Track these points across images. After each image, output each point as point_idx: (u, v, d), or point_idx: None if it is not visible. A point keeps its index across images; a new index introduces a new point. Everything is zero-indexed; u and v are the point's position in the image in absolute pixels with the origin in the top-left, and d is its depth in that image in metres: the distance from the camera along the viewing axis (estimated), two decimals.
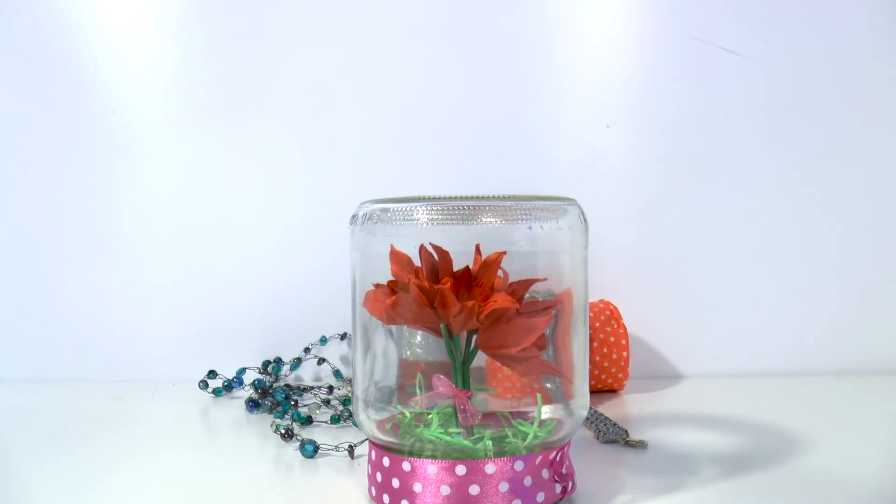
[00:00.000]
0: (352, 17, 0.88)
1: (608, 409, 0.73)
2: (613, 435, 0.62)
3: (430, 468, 0.45)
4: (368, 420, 0.49)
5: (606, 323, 0.79)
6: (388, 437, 0.48)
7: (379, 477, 0.48)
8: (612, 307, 0.81)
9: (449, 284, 0.44)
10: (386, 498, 0.47)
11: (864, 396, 0.78)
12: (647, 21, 0.87)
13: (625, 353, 0.78)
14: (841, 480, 0.53)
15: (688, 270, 0.88)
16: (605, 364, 0.78)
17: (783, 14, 0.86)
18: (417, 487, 0.45)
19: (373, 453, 0.49)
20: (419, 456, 0.45)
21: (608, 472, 0.56)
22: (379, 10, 0.88)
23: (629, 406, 0.75)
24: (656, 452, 0.60)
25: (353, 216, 0.50)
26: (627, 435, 0.62)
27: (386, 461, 0.47)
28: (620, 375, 0.79)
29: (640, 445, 0.61)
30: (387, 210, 0.48)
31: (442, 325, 0.45)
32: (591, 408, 0.69)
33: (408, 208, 0.47)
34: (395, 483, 0.46)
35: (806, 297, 0.87)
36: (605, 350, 0.78)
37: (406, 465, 0.45)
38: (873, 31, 0.86)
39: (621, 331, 0.79)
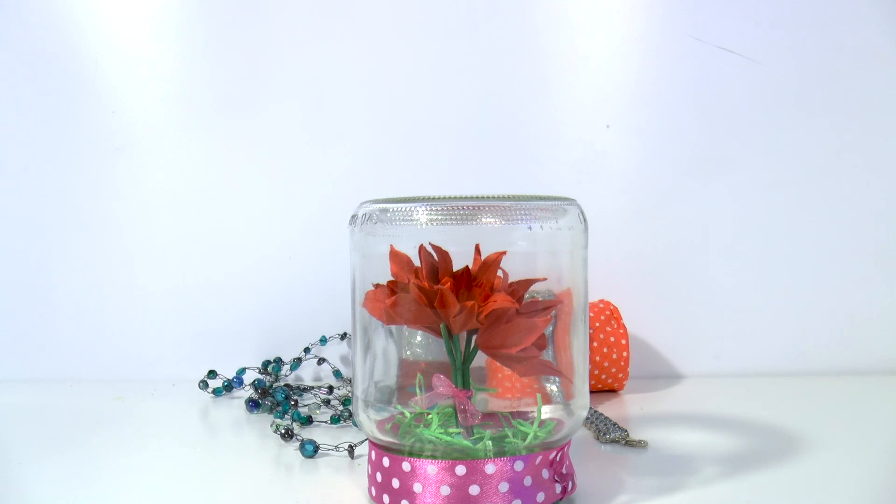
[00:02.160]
0: (352, 17, 0.88)
1: (608, 409, 0.73)
2: (613, 435, 0.62)
3: (430, 468, 0.45)
4: (368, 420, 0.49)
5: (606, 323, 0.79)
6: (388, 437, 0.48)
7: (379, 477, 0.47)
8: (612, 307, 0.81)
9: (449, 284, 0.44)
10: (386, 498, 0.47)
11: (864, 396, 0.78)
12: (647, 21, 0.87)
13: (625, 353, 0.78)
14: (841, 480, 0.53)
15: (687, 270, 0.88)
16: (605, 364, 0.78)
17: (783, 14, 0.86)
18: (417, 487, 0.45)
19: (373, 453, 0.49)
20: (419, 456, 0.45)
21: (608, 472, 0.56)
22: (379, 10, 0.88)
23: (629, 406, 0.75)
24: (656, 452, 0.60)
25: (353, 216, 0.50)
26: (627, 435, 0.62)
27: (386, 461, 0.47)
28: (620, 375, 0.79)
29: (640, 445, 0.61)
30: (386, 210, 0.48)
31: (442, 325, 0.45)
32: (591, 408, 0.69)
33: (407, 208, 0.47)
34: (395, 483, 0.46)
35: (806, 297, 0.87)
36: (605, 350, 0.78)
37: (406, 466, 0.45)
38: (873, 31, 0.86)
39: (621, 331, 0.79)
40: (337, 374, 0.86)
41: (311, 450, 0.60)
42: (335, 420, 0.69)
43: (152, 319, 0.89)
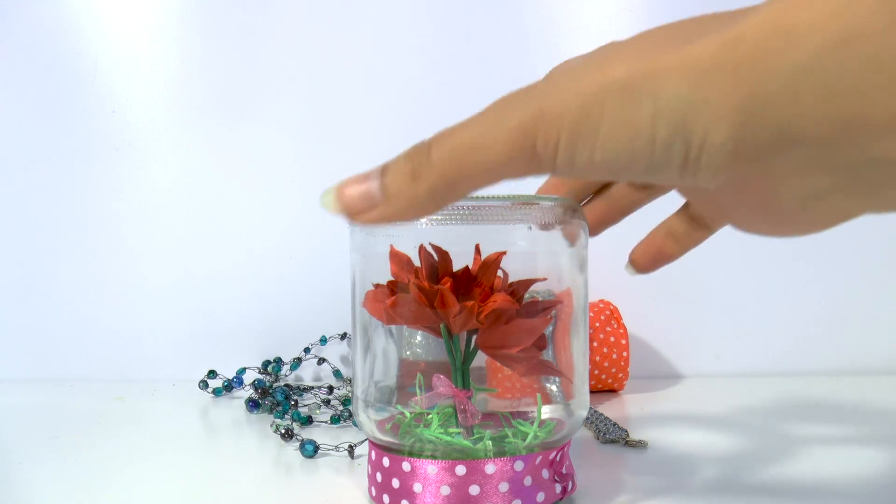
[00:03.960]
0: (352, 15, 0.88)
1: (608, 409, 0.73)
2: (613, 435, 0.62)
3: (430, 468, 0.45)
4: (368, 420, 0.49)
5: (606, 323, 0.79)
6: (388, 437, 0.48)
7: (379, 477, 0.47)
8: (612, 307, 0.81)
9: (449, 284, 0.44)
10: (386, 498, 0.47)
11: (864, 396, 0.78)
12: (647, 21, 0.87)
13: (625, 353, 0.78)
14: (841, 481, 0.53)
15: (688, 270, 0.88)
16: (605, 364, 0.78)
17: None
18: (417, 487, 0.45)
19: (373, 453, 0.49)
20: (419, 456, 0.45)
21: (608, 472, 0.56)
22: (379, 9, 0.88)
23: (629, 406, 0.75)
24: (656, 452, 0.60)
25: None
26: (627, 435, 0.62)
27: (386, 461, 0.47)
28: (620, 375, 0.79)
29: (640, 445, 0.61)
30: None
31: (442, 326, 0.45)
32: (591, 408, 0.69)
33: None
34: (395, 483, 0.46)
35: (806, 296, 0.87)
36: (605, 350, 0.78)
37: (406, 466, 0.45)
38: None
39: (621, 331, 0.79)
40: (337, 374, 0.86)
41: (311, 450, 0.60)
42: (335, 420, 0.69)
43: (152, 319, 0.89)
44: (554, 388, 0.51)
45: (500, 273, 0.47)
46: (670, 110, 0.27)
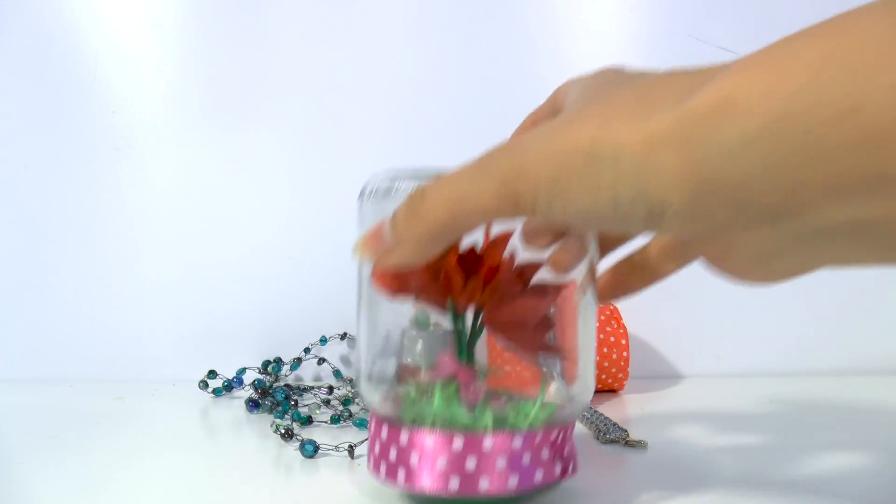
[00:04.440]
0: (352, 14, 0.88)
1: (608, 409, 0.73)
2: (613, 435, 0.62)
3: (428, 441, 0.44)
4: (371, 392, 0.49)
5: (606, 323, 0.79)
6: (389, 409, 0.48)
7: (377, 448, 0.47)
8: (612, 307, 0.81)
9: (455, 261, 0.44)
10: (383, 467, 0.46)
11: (864, 396, 0.78)
12: (646, 20, 0.87)
13: (625, 353, 0.78)
14: (841, 481, 0.53)
15: (688, 270, 0.88)
16: (605, 364, 0.78)
17: (783, 14, 0.86)
18: (414, 459, 0.45)
19: (373, 424, 0.49)
20: (419, 429, 0.45)
21: (608, 472, 0.56)
22: (379, 8, 0.88)
23: (629, 406, 0.75)
24: (656, 452, 0.60)
25: (362, 191, 0.50)
26: (627, 435, 0.62)
27: (384, 433, 0.46)
28: (620, 375, 0.79)
29: (640, 445, 0.61)
30: (396, 186, 0.47)
31: (448, 302, 0.46)
32: (590, 408, 0.69)
33: (418, 185, 0.46)
34: (392, 455, 0.46)
35: (806, 296, 0.87)
36: (605, 350, 0.78)
37: (404, 438, 0.45)
38: None
39: (621, 331, 0.79)
40: (337, 374, 0.86)
41: (311, 450, 0.60)
42: (335, 420, 0.69)
43: (152, 319, 0.89)
44: (557, 369, 0.51)
45: (507, 255, 0.47)
46: (629, 177, 0.30)
